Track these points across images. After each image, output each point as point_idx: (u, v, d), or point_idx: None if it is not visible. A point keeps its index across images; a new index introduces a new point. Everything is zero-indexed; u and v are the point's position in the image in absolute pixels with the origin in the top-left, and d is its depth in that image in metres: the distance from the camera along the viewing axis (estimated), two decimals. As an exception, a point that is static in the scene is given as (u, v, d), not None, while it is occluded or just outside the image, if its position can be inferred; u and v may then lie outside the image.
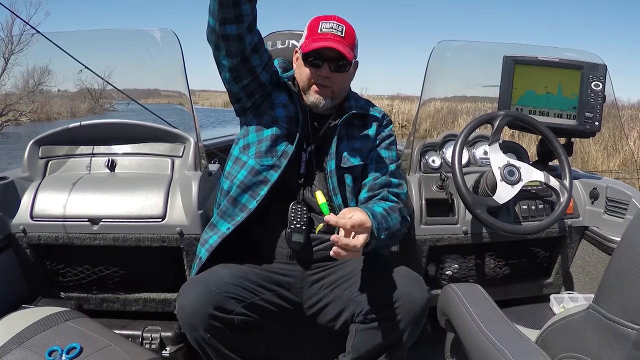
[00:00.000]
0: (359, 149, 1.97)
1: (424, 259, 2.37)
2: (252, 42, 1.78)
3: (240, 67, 1.82)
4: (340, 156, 1.92)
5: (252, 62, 1.83)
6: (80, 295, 2.33)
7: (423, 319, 1.69)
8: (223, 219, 1.88)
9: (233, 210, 1.87)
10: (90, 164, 2.42)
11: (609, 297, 1.04)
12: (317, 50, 1.84)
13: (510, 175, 2.12)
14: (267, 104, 1.95)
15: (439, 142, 2.58)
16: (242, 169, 1.88)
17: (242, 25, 1.70)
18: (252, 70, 1.85)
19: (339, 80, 1.90)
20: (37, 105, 20.71)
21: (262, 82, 1.91)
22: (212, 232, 1.89)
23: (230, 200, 1.87)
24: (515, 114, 2.29)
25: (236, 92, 1.93)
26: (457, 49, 2.61)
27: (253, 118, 1.96)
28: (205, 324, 1.60)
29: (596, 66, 2.42)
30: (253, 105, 1.97)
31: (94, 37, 2.93)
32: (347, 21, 1.88)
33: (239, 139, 2.00)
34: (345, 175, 1.93)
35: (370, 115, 2.03)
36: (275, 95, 1.97)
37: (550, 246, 2.54)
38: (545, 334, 1.32)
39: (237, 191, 1.87)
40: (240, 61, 1.80)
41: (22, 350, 1.57)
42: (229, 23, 1.68)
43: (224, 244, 1.84)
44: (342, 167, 1.92)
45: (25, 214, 2.18)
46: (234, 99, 1.97)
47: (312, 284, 1.87)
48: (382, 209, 1.79)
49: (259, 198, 1.84)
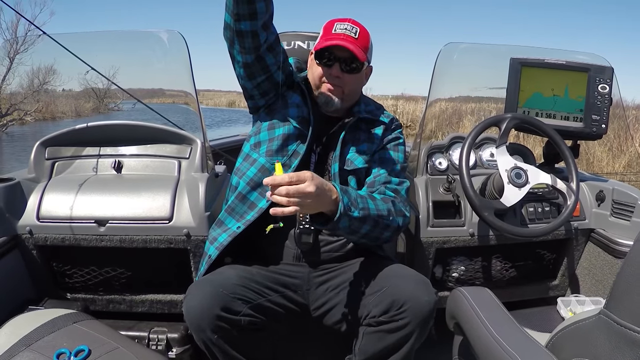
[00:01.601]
0: (364, 152, 1.97)
1: (431, 261, 2.37)
2: (268, 40, 1.78)
3: (254, 65, 1.83)
4: (344, 159, 1.93)
5: (267, 61, 1.83)
6: (87, 297, 2.33)
7: (430, 321, 1.68)
8: (231, 216, 1.89)
9: (242, 208, 1.87)
10: (97, 165, 2.42)
11: (620, 303, 1.04)
12: (328, 48, 1.86)
13: (518, 177, 2.12)
14: (281, 103, 1.96)
15: (445, 144, 2.57)
16: (251, 166, 1.90)
17: (256, 22, 1.70)
18: (266, 68, 1.85)
19: (349, 81, 1.91)
20: (42, 104, 20.75)
21: (276, 82, 1.91)
22: (221, 229, 1.89)
23: (239, 197, 1.88)
24: (522, 117, 2.29)
25: (250, 89, 1.94)
26: (464, 51, 2.61)
27: (266, 116, 1.97)
28: (212, 325, 1.60)
29: (603, 69, 2.41)
30: (266, 103, 1.98)
31: (100, 38, 2.94)
32: (362, 24, 1.88)
33: (250, 136, 2.00)
34: (349, 178, 1.93)
35: (378, 121, 2.03)
36: (289, 95, 1.98)
37: (557, 248, 2.53)
38: (556, 338, 1.31)
39: (246, 188, 1.87)
40: (254, 59, 1.81)
41: (30, 353, 1.57)
42: (244, 20, 1.69)
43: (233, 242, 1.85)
44: (345, 169, 1.92)
45: (31, 215, 2.18)
46: (248, 95, 1.98)
47: (319, 285, 1.87)
48: (365, 193, 1.81)
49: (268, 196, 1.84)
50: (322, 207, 1.62)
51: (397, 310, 1.64)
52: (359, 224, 1.72)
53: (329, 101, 1.92)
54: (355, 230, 1.73)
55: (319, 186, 1.55)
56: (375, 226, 1.78)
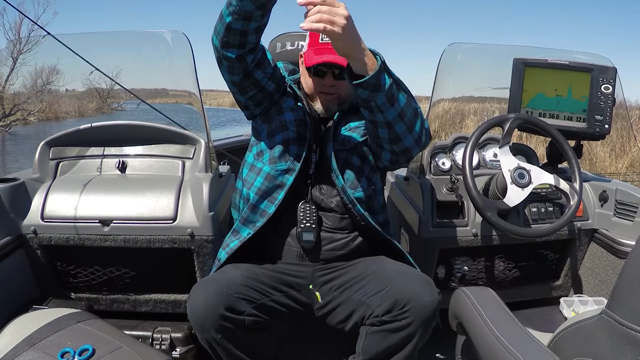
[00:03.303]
0: (357, 127, 1.98)
1: (434, 261, 2.37)
2: (255, 59, 1.81)
3: (244, 82, 1.87)
4: (337, 139, 1.93)
5: (256, 76, 1.86)
6: (91, 296, 2.34)
7: (434, 321, 1.68)
8: (245, 225, 1.91)
9: (254, 217, 1.89)
10: (101, 165, 2.42)
11: (622, 303, 1.04)
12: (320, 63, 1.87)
13: (521, 178, 2.12)
14: (276, 109, 1.98)
15: (449, 144, 2.57)
16: (258, 176, 1.91)
17: (243, 50, 1.74)
18: (257, 83, 1.88)
19: (344, 86, 1.91)
20: (45, 104, 20.81)
21: (269, 92, 1.94)
22: (235, 237, 1.92)
23: (250, 207, 1.90)
24: (525, 117, 2.29)
25: (243, 102, 1.97)
26: (467, 51, 2.61)
27: (263, 124, 1.99)
28: (216, 325, 1.60)
29: (606, 69, 2.41)
30: (262, 112, 2.00)
31: (104, 39, 2.94)
32: None
33: (252, 146, 2.03)
34: (351, 157, 1.93)
35: None
36: (283, 99, 1.99)
37: (560, 249, 2.53)
38: (558, 338, 1.32)
39: (255, 198, 1.89)
40: (243, 77, 1.84)
41: (35, 352, 1.58)
42: (232, 47, 1.73)
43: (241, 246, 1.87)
44: (343, 149, 1.93)
45: (36, 215, 2.19)
46: (242, 106, 2.02)
47: (322, 285, 1.87)
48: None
49: (277, 202, 1.86)
50: (353, 48, 1.57)
51: (400, 310, 1.64)
52: (397, 89, 1.67)
53: (328, 109, 1.95)
54: (394, 96, 1.67)
55: (351, 20, 1.53)
56: (409, 102, 1.74)
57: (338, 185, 1.87)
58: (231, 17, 1.64)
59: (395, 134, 1.77)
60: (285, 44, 2.59)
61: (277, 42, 2.60)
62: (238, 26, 1.66)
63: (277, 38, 2.62)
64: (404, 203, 2.57)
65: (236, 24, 1.65)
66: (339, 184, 1.86)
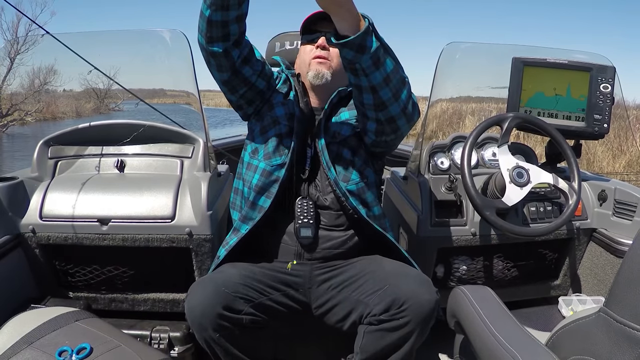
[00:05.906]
0: (347, 120, 1.98)
1: (433, 260, 2.37)
2: (241, 55, 1.83)
3: (233, 79, 1.89)
4: (328, 132, 1.94)
5: (245, 73, 1.88)
6: (89, 295, 2.33)
7: (432, 320, 1.68)
8: (244, 222, 1.91)
9: (252, 213, 1.90)
10: (100, 164, 2.42)
11: (620, 301, 1.04)
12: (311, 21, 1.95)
13: (519, 177, 2.12)
14: (267, 106, 2.00)
15: (447, 143, 2.57)
16: (255, 173, 1.92)
17: (228, 42, 1.76)
18: (246, 80, 1.90)
19: (336, 54, 1.92)
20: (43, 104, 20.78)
21: (259, 90, 1.97)
22: (235, 235, 1.92)
23: (249, 204, 1.91)
24: (524, 116, 2.29)
25: (235, 101, 2.00)
26: (466, 50, 2.61)
27: (256, 122, 2.01)
28: (214, 324, 1.60)
29: (605, 68, 2.41)
30: (255, 111, 2.03)
31: (102, 38, 2.94)
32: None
33: (247, 145, 2.04)
34: (342, 150, 1.93)
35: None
36: (273, 96, 2.02)
37: (558, 248, 2.53)
38: (556, 336, 1.32)
39: (252, 194, 1.89)
40: (231, 74, 1.86)
41: (32, 350, 1.57)
42: (217, 41, 1.76)
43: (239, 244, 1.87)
44: (334, 142, 1.93)
45: (34, 214, 2.19)
46: (235, 106, 2.04)
47: (320, 284, 1.87)
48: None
49: (272, 197, 1.86)
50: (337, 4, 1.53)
51: (398, 309, 1.64)
52: (384, 54, 1.65)
53: (319, 73, 1.94)
54: (380, 60, 1.64)
55: None
56: (396, 69, 1.70)
57: (330, 177, 1.87)
58: (210, 10, 1.67)
59: (380, 100, 1.72)
60: (284, 43, 2.59)
61: (276, 41, 2.61)
62: (218, 17, 1.69)
63: (276, 38, 2.62)
64: (402, 202, 2.57)
65: (215, 15, 1.68)
66: (332, 177, 1.86)
